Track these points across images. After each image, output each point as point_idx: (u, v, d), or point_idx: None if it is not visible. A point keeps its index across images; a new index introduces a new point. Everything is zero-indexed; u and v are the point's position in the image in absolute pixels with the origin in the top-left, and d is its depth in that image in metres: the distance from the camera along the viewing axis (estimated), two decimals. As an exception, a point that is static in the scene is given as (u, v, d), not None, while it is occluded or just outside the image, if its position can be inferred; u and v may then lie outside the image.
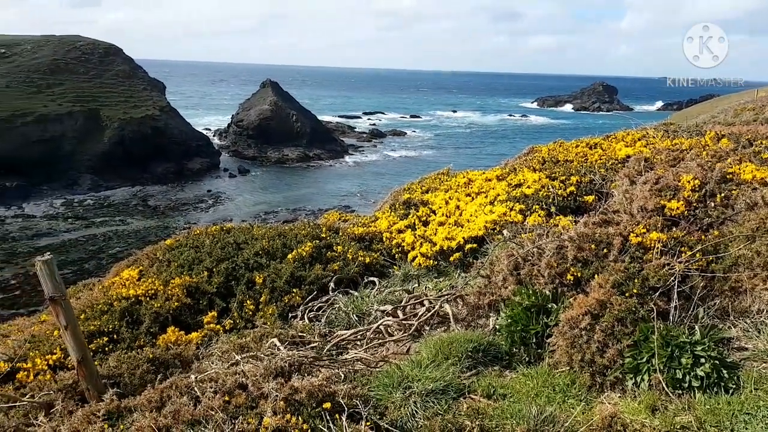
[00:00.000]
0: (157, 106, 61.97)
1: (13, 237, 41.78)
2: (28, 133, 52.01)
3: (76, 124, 55.18)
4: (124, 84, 63.26)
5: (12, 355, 5.68)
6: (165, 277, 6.95)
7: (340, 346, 5.38)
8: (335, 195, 57.85)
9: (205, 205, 53.16)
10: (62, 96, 57.42)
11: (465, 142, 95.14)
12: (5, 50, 63.18)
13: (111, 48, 68.47)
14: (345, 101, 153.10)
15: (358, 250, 7.73)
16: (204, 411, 3.26)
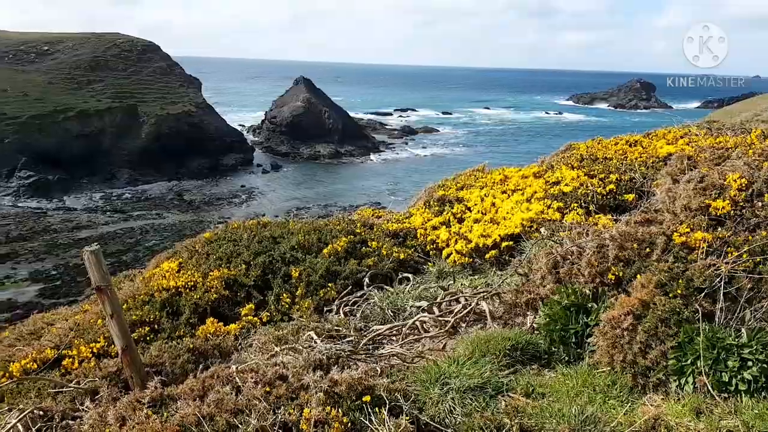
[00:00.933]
0: (193, 102, 63.10)
1: (55, 229, 43.10)
2: (70, 128, 53.59)
3: (115, 119, 56.58)
4: (161, 81, 64.58)
5: (58, 342, 5.87)
6: (204, 269, 7.08)
7: (376, 340, 5.40)
8: (366, 191, 58.05)
9: (239, 200, 53.95)
10: (102, 92, 58.96)
11: (498, 139, 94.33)
12: (48, 47, 65.16)
13: (149, 45, 69.97)
14: (376, 98, 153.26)
15: (393, 246, 7.74)
16: (246, 401, 3.31)
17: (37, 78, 59.15)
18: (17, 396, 4.87)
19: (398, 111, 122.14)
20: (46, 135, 51.82)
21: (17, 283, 34.52)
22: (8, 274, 35.48)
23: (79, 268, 36.69)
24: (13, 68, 60.83)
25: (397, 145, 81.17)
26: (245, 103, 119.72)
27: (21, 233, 41.79)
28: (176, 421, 3.19)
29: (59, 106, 54.72)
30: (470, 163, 52.70)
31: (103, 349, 5.66)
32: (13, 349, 6.70)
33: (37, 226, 43.33)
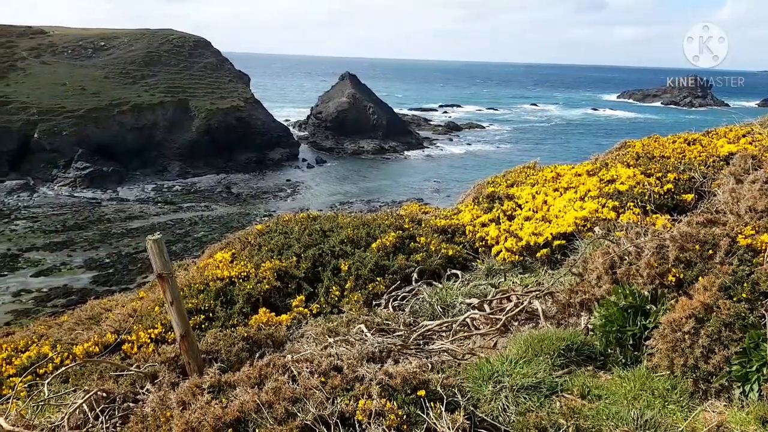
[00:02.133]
0: (242, 97, 64.30)
1: (108, 219, 44.72)
2: (124, 121, 55.46)
3: (167, 113, 58.22)
4: (211, 76, 66.07)
5: (118, 327, 6.10)
6: (256, 260, 7.23)
7: (425, 336, 5.40)
8: (409, 187, 58.01)
9: (284, 193, 54.73)
10: (155, 87, 60.73)
11: (545, 136, 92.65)
12: (105, 43, 67.53)
13: (200, 41, 71.67)
14: (421, 94, 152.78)
15: (441, 242, 7.72)
16: (303, 390, 3.37)
17: (94, 73, 61.41)
18: (81, 378, 5.09)
19: (443, 107, 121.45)
20: (102, 128, 53.80)
21: (72, 270, 35.96)
22: (64, 261, 36.99)
23: (131, 257, 38.04)
24: (72, 63, 63.35)
25: (441, 141, 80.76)
26: (291, 99, 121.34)
27: (77, 222, 43.52)
28: (236, 407, 3.28)
29: (114, 100, 56.68)
30: (515, 160, 52.24)
31: (161, 335, 5.85)
32: (74, 333, 7.00)
33: (92, 215, 45.04)
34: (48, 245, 39.06)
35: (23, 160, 50.64)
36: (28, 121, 51.94)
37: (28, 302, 31.28)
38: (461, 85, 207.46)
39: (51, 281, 34.09)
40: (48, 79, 58.21)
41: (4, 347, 5.62)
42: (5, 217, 43.55)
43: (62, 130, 51.84)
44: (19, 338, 5.95)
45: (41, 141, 51.17)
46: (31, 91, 55.51)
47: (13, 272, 35.16)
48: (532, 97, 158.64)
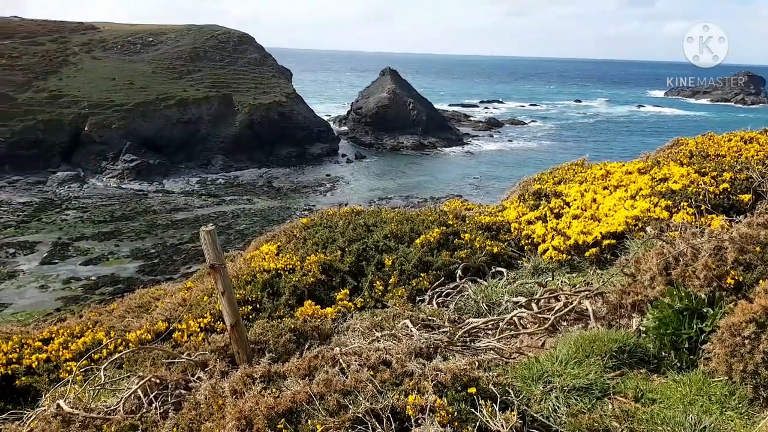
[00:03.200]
0: (284, 92, 65.07)
1: (154, 210, 45.95)
2: (170, 115, 56.86)
3: (212, 108, 59.39)
4: (255, 71, 67.06)
5: (168, 316, 6.26)
6: (302, 253, 7.31)
7: (471, 333, 5.36)
8: (448, 183, 57.67)
9: (323, 188, 55.16)
10: (200, 82, 62.03)
11: (589, 134, 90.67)
12: (153, 39, 69.30)
13: (244, 37, 72.80)
14: (462, 89, 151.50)
15: (486, 240, 7.64)
16: (354, 383, 3.38)
17: (142, 68, 63.14)
18: (134, 364, 5.24)
19: (484, 102, 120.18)
20: (149, 121, 55.30)
21: (119, 260, 37.09)
22: (112, 250, 38.19)
23: (175, 247, 39.01)
24: (122, 58, 65.26)
25: (481, 137, 79.99)
26: (332, 94, 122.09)
27: (124, 213, 44.87)
28: (288, 397, 3.31)
29: (161, 94, 58.16)
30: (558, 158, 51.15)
31: (210, 324, 5.97)
32: (124, 320, 7.22)
33: (139, 207, 46.36)
34: (97, 235, 40.40)
35: (74, 152, 52.50)
36: (79, 114, 53.80)
37: (77, 289, 32.44)
38: (502, 80, 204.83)
39: (99, 270, 35.26)
40: (98, 74, 60.13)
41: (61, 332, 5.84)
42: (57, 207, 45.23)
43: (111, 124, 53.50)
44: (74, 324, 6.17)
45: (91, 134, 52.92)
46: (83, 85, 57.46)
47: (63, 260, 36.50)
48: (575, 93, 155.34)
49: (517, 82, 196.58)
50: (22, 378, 5.22)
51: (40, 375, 5.25)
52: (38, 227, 41.42)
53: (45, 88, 55.96)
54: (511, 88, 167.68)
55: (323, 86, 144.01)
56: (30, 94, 54.54)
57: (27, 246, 38.12)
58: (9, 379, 5.25)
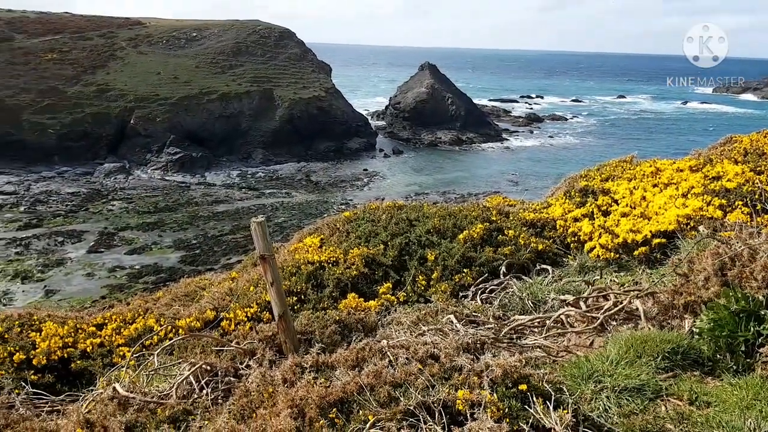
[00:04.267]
0: (323, 87, 65.50)
1: (196, 202, 46.93)
2: (213, 109, 57.95)
3: (253, 102, 60.27)
4: (295, 66, 67.71)
5: (216, 305, 6.39)
6: (345, 246, 7.36)
7: (517, 330, 5.31)
8: (486, 179, 57.13)
9: (361, 183, 55.35)
10: (242, 76, 62.99)
11: (632, 130, 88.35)
12: (196, 34, 70.68)
13: (285, 32, 73.55)
14: (501, 84, 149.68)
15: (531, 236, 7.55)
16: (404, 375, 3.40)
17: (186, 62, 64.48)
18: (184, 351, 5.37)
19: (524, 98, 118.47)
20: (192, 115, 56.49)
21: (162, 250, 38.00)
22: (155, 240, 39.16)
23: (216, 239, 39.78)
24: (166, 53, 66.78)
25: (521, 133, 78.90)
26: (370, 89, 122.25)
27: (167, 204, 45.96)
28: (339, 387, 3.35)
29: (204, 88, 59.31)
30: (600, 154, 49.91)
31: (256, 314, 6.07)
32: (171, 308, 7.39)
33: (181, 198, 47.42)
34: (141, 225, 41.50)
35: (120, 144, 54.05)
36: (126, 107, 55.34)
37: (121, 278, 33.40)
38: (542, 75, 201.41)
39: (142, 259, 36.22)
40: (144, 68, 61.71)
41: (114, 318, 6.03)
42: (103, 198, 46.65)
43: (156, 117, 54.85)
44: (126, 311, 6.37)
45: (137, 126, 54.38)
46: (129, 79, 59.07)
47: (109, 249, 37.63)
48: (618, 88, 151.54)
49: (557, 77, 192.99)
50: (77, 361, 5.42)
51: (94, 359, 5.44)
52: (85, 217, 42.79)
53: (93, 81, 57.75)
54: (551, 83, 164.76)
55: (362, 81, 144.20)
56: (79, 88, 56.38)
57: (75, 235, 39.41)
58: (65, 362, 5.46)
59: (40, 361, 5.31)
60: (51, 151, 50.78)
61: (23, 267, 34.02)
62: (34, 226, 40.32)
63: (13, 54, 58.75)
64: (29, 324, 5.90)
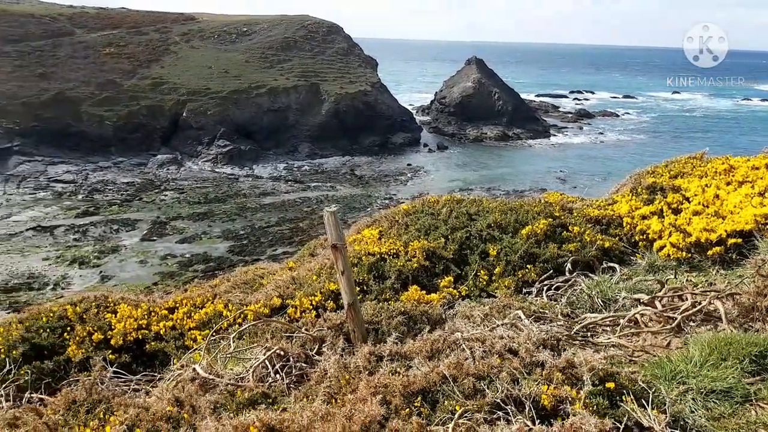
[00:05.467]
0: (369, 82, 65.66)
1: (244, 194, 47.83)
2: (261, 103, 58.89)
3: (300, 97, 60.96)
4: (342, 61, 68.10)
5: (282, 293, 6.49)
6: (405, 239, 7.35)
7: (588, 328, 5.19)
8: (532, 177, 56.17)
9: (404, 177, 55.29)
10: (290, 71, 63.76)
11: (687, 128, 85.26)
12: (247, 29, 71.90)
13: (333, 27, 74.04)
14: (549, 79, 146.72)
15: (596, 233, 7.37)
16: (486, 368, 3.37)
17: (236, 57, 65.70)
18: (254, 336, 5.47)
19: (573, 93, 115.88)
20: (242, 109, 57.56)
21: (212, 239, 38.90)
22: (205, 230, 40.12)
23: (263, 230, 40.47)
24: (218, 48, 68.19)
25: (569, 129, 77.25)
26: (415, 84, 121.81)
27: (217, 195, 47.01)
28: (421, 376, 3.34)
29: (253, 83, 60.33)
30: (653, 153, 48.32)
31: (321, 303, 6.13)
32: (230, 294, 7.54)
33: (230, 190, 48.43)
34: (191, 215, 42.60)
35: (173, 136, 55.55)
36: (178, 101, 56.82)
37: (172, 266, 34.35)
38: (594, 70, 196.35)
39: (193, 248, 37.16)
40: (196, 62, 63.18)
41: (185, 302, 6.20)
42: (156, 188, 48.08)
43: (207, 110, 56.13)
44: (196, 296, 6.53)
45: (189, 119, 55.78)
46: (182, 73, 60.60)
47: (161, 238, 38.75)
48: (673, 84, 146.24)
49: (609, 72, 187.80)
50: (151, 343, 5.59)
51: (167, 341, 5.61)
52: (139, 206, 44.20)
53: (148, 75, 59.50)
54: (603, 78, 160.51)
55: (406, 76, 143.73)
56: (134, 81, 58.18)
57: (129, 223, 40.74)
58: (140, 344, 5.65)
59: (117, 341, 5.50)
60: (108, 141, 52.60)
61: (80, 253, 35.41)
62: (91, 214, 41.91)
63: (74, 48, 61.08)
64: (105, 306, 6.12)
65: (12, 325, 5.77)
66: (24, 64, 56.57)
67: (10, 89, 52.96)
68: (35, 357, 5.42)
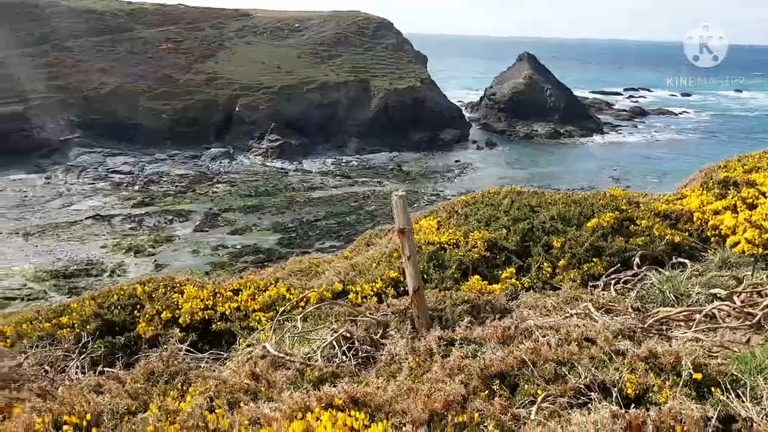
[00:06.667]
0: (419, 77, 65.48)
1: (293, 187, 48.53)
2: (312, 98, 59.61)
3: (349, 92, 61.39)
4: (392, 56, 68.19)
5: (342, 278, 6.52)
6: (465, 229, 7.27)
7: (662, 323, 5.00)
8: (584, 175, 54.85)
9: (452, 174, 54.93)
10: (340, 67, 64.28)
11: (748, 128, 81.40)
12: (299, 25, 72.85)
13: (383, 22, 74.22)
14: (604, 76, 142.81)
15: (665, 228, 7.11)
16: (567, 354, 3.28)
17: (288, 52, 66.69)
18: (317, 319, 5.50)
19: (628, 90, 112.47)
20: (293, 104, 58.39)
21: (261, 231, 39.64)
22: (255, 222, 40.91)
23: (311, 224, 40.96)
24: (271, 43, 69.40)
25: (624, 128, 75.06)
26: (463, 80, 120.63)
27: (267, 189, 47.86)
28: (498, 360, 3.28)
29: (304, 78, 61.11)
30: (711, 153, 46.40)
31: (381, 289, 6.13)
32: (289, 281, 7.62)
33: (280, 183, 49.23)
34: (242, 208, 43.52)
35: (226, 130, 56.87)
36: (231, 95, 58.11)
37: (224, 256, 35.17)
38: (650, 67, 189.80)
39: (243, 240, 37.96)
40: (249, 58, 64.46)
41: (248, 285, 6.32)
42: (209, 180, 49.33)
43: (259, 105, 57.20)
44: (258, 279, 6.64)
45: (241, 114, 56.98)
46: (235, 69, 61.93)
47: (213, 229, 39.74)
48: (737, 82, 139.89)
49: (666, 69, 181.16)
50: (217, 323, 5.71)
51: (232, 322, 5.72)
52: (193, 198, 45.46)
53: (203, 70, 61.07)
54: (659, 75, 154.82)
55: (456, 72, 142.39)
56: (190, 76, 59.81)
57: (183, 214, 41.93)
58: (206, 323, 5.78)
59: (185, 320, 5.65)
60: (164, 135, 54.27)
61: (136, 242, 36.69)
62: (146, 205, 43.36)
63: (133, 44, 63.27)
64: (171, 286, 6.29)
65: (85, 301, 6.00)
66: (85, 59, 58.98)
67: (72, 83, 55.33)
68: (107, 333, 5.62)
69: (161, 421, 2.48)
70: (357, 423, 2.31)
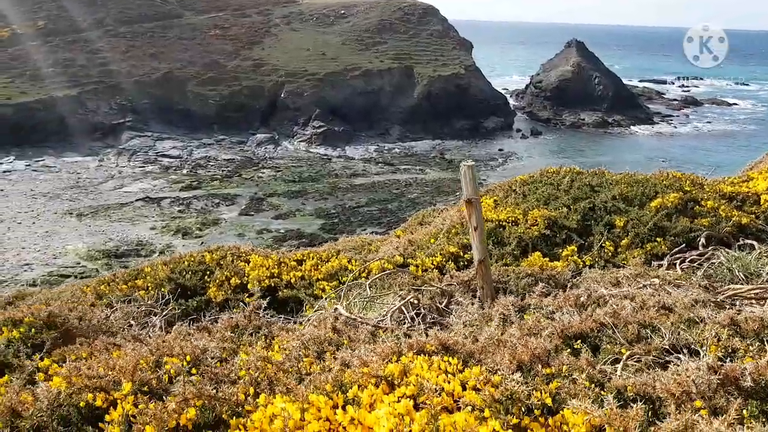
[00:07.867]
0: (463, 65, 64.84)
1: (336, 174, 48.91)
2: (356, 85, 59.78)
3: (393, 79, 61.28)
4: (436, 43, 67.67)
5: (402, 252, 6.62)
6: (524, 207, 7.26)
7: (733, 300, 4.92)
8: (632, 166, 52.40)
9: (495, 163, 54.34)
10: (384, 53, 64.19)
11: (808, 119, 77.75)
12: (344, 11, 72.99)
13: (429, 9, 73.62)
14: (655, 64, 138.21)
15: (732, 209, 6.95)
16: (646, 318, 3.29)
17: (333, 39, 67.00)
18: (381, 289, 5.62)
19: (680, 79, 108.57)
20: (337, 91, 58.70)
21: (305, 216, 40.15)
22: (299, 208, 41.45)
23: (353, 210, 41.27)
24: (316, 30, 69.82)
25: (675, 118, 72.68)
26: (508, 67, 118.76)
27: (310, 175, 48.37)
28: (576, 322, 3.31)
29: (349, 65, 61.31)
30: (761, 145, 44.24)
31: (441, 263, 6.20)
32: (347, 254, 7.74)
33: (323, 169, 49.68)
34: (286, 193, 44.15)
35: (271, 116, 57.66)
36: (277, 82, 58.83)
37: (268, 240, 35.76)
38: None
39: (287, 224, 38.54)
40: (295, 44, 65.03)
41: (311, 256, 6.49)
42: (254, 166, 50.16)
43: (304, 92, 57.74)
44: (322, 250, 6.82)
45: (286, 100, 57.65)
46: (281, 55, 62.61)
47: (258, 213, 40.47)
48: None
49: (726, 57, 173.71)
50: (283, 290, 5.90)
51: (298, 290, 5.89)
52: (238, 182, 46.35)
53: (250, 56, 61.96)
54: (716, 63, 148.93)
55: (501, 58, 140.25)
56: (237, 62, 60.79)
57: (229, 198, 42.82)
58: (272, 291, 5.97)
59: (253, 286, 5.85)
60: (211, 120, 55.43)
61: (184, 224, 37.71)
62: (194, 188, 44.46)
63: (182, 30, 64.64)
64: (238, 255, 6.52)
65: (158, 266, 6.27)
66: (137, 45, 60.62)
67: (124, 68, 56.97)
68: (180, 296, 5.87)
69: (260, 361, 2.62)
70: (450, 367, 2.40)
